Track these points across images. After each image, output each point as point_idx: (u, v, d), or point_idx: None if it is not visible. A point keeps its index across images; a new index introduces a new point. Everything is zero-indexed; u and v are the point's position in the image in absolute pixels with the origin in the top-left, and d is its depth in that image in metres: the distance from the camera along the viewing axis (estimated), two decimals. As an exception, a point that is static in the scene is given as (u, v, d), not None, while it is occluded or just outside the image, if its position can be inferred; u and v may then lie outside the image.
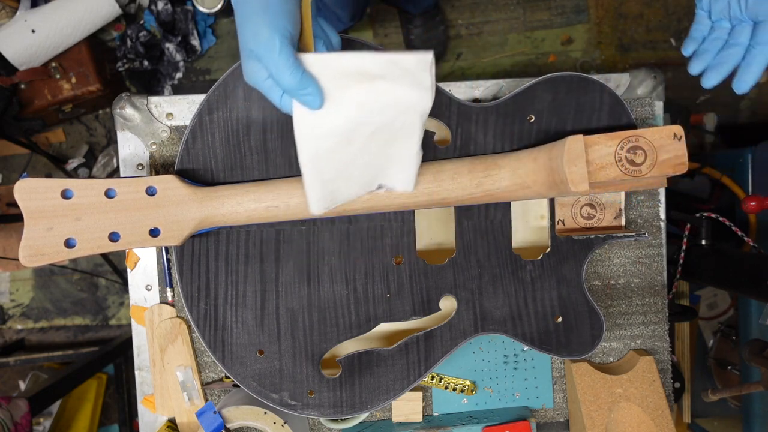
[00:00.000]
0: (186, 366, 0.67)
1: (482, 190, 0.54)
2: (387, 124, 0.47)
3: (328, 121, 0.45)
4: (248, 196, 0.54)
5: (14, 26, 1.31)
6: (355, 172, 0.50)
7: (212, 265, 0.58)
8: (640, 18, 1.56)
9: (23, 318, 1.61)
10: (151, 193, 0.52)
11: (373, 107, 0.45)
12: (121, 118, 0.66)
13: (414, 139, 0.49)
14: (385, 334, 0.66)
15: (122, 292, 1.61)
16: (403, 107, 0.45)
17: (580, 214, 0.63)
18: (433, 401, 0.70)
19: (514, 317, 0.59)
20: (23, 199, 0.49)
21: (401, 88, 0.44)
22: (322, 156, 0.48)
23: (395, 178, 0.53)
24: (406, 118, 0.46)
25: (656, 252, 0.69)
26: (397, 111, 0.46)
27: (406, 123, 0.47)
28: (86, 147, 1.59)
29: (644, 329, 0.70)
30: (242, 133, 0.57)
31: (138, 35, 1.49)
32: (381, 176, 0.53)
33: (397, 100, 0.45)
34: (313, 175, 0.49)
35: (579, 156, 0.50)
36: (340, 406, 0.58)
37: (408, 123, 0.47)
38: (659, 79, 0.67)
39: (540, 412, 0.70)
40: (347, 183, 0.51)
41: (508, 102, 0.58)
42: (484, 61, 1.56)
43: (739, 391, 0.80)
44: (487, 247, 0.59)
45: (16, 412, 1.00)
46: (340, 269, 0.59)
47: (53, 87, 1.40)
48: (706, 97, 1.57)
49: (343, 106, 0.45)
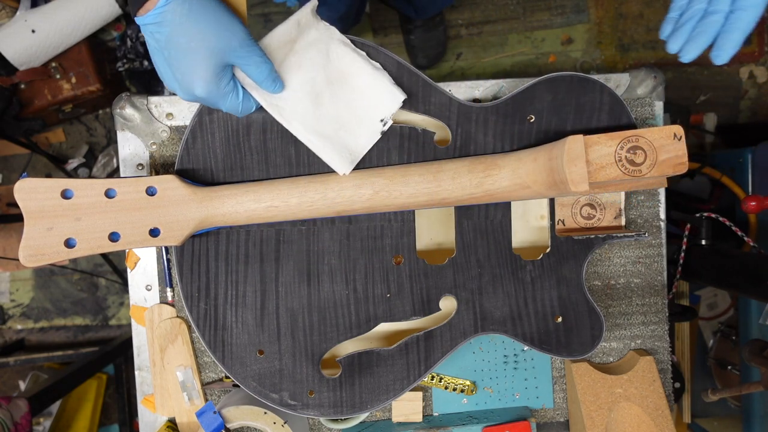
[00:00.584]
0: (186, 366, 0.67)
1: (482, 190, 0.54)
2: (328, 65, 0.55)
3: (291, 92, 0.55)
4: (248, 196, 0.54)
5: (14, 26, 1.31)
6: (346, 116, 0.56)
7: (212, 265, 0.58)
8: (640, 18, 1.56)
9: (23, 318, 1.61)
10: (151, 193, 0.52)
11: (309, 60, 0.55)
12: (121, 118, 0.66)
13: (356, 60, 0.56)
14: (385, 334, 0.66)
15: (122, 292, 1.61)
16: (323, 45, 0.55)
17: (580, 214, 0.63)
18: (433, 401, 0.70)
19: (514, 317, 0.59)
20: (23, 199, 0.49)
21: (311, 32, 0.55)
22: (309, 120, 0.55)
23: (380, 100, 0.56)
24: (333, 51, 0.56)
25: (656, 252, 0.69)
26: (322, 51, 0.55)
27: (339, 54, 0.56)
28: (86, 147, 1.59)
29: (644, 329, 0.70)
30: (242, 133, 0.57)
31: (138, 35, 1.49)
32: (370, 109, 0.56)
33: (316, 44, 0.55)
34: (319, 140, 0.55)
35: (579, 156, 0.50)
36: (340, 406, 0.58)
37: (339, 54, 0.56)
38: (659, 79, 0.67)
39: (540, 412, 0.70)
40: (350, 132, 0.56)
41: (508, 102, 0.58)
42: (484, 61, 1.56)
43: (739, 391, 0.80)
44: (487, 247, 0.59)
45: (16, 412, 1.00)
46: (340, 269, 0.59)
47: (53, 87, 1.40)
48: (706, 97, 1.57)
49: (291, 75, 0.54)
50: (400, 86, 0.57)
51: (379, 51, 0.57)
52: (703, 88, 1.57)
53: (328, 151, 0.55)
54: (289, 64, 0.55)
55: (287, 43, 0.55)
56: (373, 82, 0.56)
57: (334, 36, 0.56)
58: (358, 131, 0.56)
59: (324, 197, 0.55)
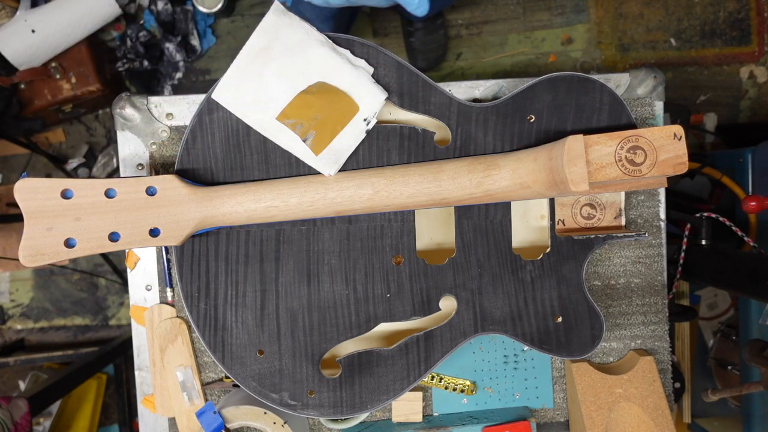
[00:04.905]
0: (186, 366, 0.67)
1: (482, 190, 0.54)
2: (308, 68, 0.56)
3: (274, 103, 0.56)
4: (248, 195, 0.54)
5: (14, 26, 1.31)
6: None
7: (212, 265, 0.58)
8: (640, 18, 1.56)
9: (23, 318, 1.61)
10: (151, 193, 0.52)
11: (289, 67, 0.55)
12: (121, 118, 0.66)
13: (336, 60, 0.56)
14: (385, 334, 0.66)
15: (122, 292, 1.61)
16: (301, 48, 0.56)
17: (580, 214, 0.63)
18: (433, 401, 0.70)
19: (514, 317, 0.59)
20: (23, 199, 0.49)
21: (286, 34, 0.56)
22: None
23: (362, 100, 0.56)
24: (312, 52, 0.56)
25: (656, 252, 0.69)
26: (301, 54, 0.56)
27: (318, 55, 0.56)
28: (86, 147, 1.59)
29: (644, 329, 0.70)
30: (242, 133, 0.57)
31: (138, 35, 1.49)
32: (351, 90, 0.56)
33: (294, 48, 0.56)
34: (302, 144, 0.55)
35: (579, 156, 0.50)
36: (340, 406, 0.58)
37: (319, 55, 0.56)
38: (659, 79, 0.67)
39: (540, 412, 0.70)
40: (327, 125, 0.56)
41: (508, 102, 0.58)
42: (484, 61, 1.56)
43: (739, 391, 0.80)
44: (487, 247, 0.59)
45: (16, 412, 1.00)
46: (340, 269, 0.59)
47: (53, 87, 1.40)
48: (706, 97, 1.57)
49: (273, 84, 0.55)
50: (400, 86, 0.57)
51: (380, 51, 0.57)
52: (703, 88, 1.57)
53: (311, 153, 0.56)
54: (269, 73, 0.55)
55: (261, 51, 0.55)
56: (354, 81, 0.56)
57: (312, 36, 0.56)
58: (342, 132, 0.56)
59: (324, 197, 0.55)
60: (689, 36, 1.56)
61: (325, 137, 0.56)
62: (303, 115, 0.56)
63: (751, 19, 1.56)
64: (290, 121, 0.56)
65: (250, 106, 0.56)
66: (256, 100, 0.56)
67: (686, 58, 1.57)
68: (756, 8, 1.56)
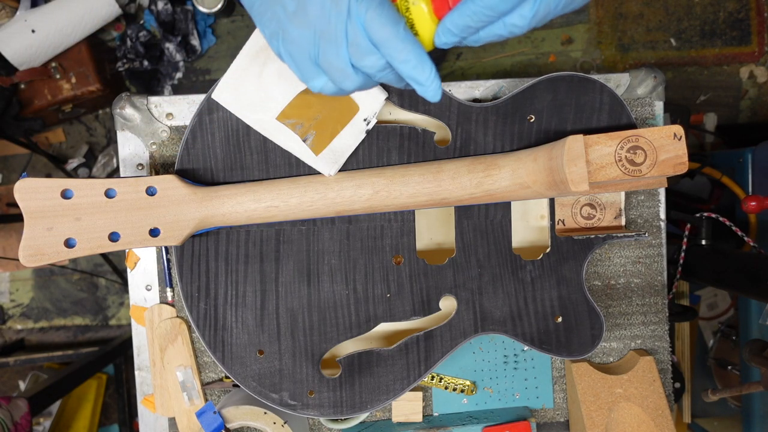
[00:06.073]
0: (186, 366, 0.67)
1: (482, 190, 0.54)
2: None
3: (274, 104, 0.55)
4: (248, 195, 0.54)
5: (14, 26, 1.31)
6: None
7: (212, 265, 0.58)
8: (640, 18, 1.56)
9: (23, 318, 1.61)
10: (151, 193, 0.52)
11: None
12: (121, 118, 0.66)
13: None
14: (385, 334, 0.66)
15: (122, 292, 1.61)
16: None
17: (580, 214, 0.63)
18: (433, 401, 0.70)
19: (514, 317, 0.59)
20: (23, 199, 0.49)
21: None
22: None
23: (362, 99, 0.56)
24: None
25: (656, 252, 0.69)
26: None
27: None
28: (86, 147, 1.59)
29: (644, 329, 0.70)
30: (242, 133, 0.57)
31: (138, 35, 1.49)
32: None
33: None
34: (302, 144, 0.55)
35: (579, 156, 0.50)
36: (340, 406, 0.58)
37: None
38: (659, 79, 0.67)
39: (540, 412, 0.70)
40: (324, 124, 0.56)
41: (508, 102, 0.58)
42: (484, 61, 1.56)
43: (739, 391, 0.80)
44: (487, 247, 0.59)
45: (16, 412, 1.00)
46: (340, 269, 0.59)
47: (53, 87, 1.40)
48: (706, 97, 1.57)
49: (272, 85, 0.55)
50: (400, 86, 0.57)
51: (379, 51, 0.57)
52: (703, 88, 1.57)
53: (311, 153, 0.56)
54: (269, 73, 0.55)
55: (261, 51, 0.55)
56: None
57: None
58: (341, 131, 0.56)
59: (324, 197, 0.55)
60: (689, 36, 1.56)
61: (325, 137, 0.56)
62: (303, 115, 0.56)
63: (751, 19, 1.56)
64: (290, 121, 0.56)
65: (250, 106, 0.56)
66: (256, 100, 0.55)
67: (686, 58, 1.57)
68: (756, 8, 1.56)
